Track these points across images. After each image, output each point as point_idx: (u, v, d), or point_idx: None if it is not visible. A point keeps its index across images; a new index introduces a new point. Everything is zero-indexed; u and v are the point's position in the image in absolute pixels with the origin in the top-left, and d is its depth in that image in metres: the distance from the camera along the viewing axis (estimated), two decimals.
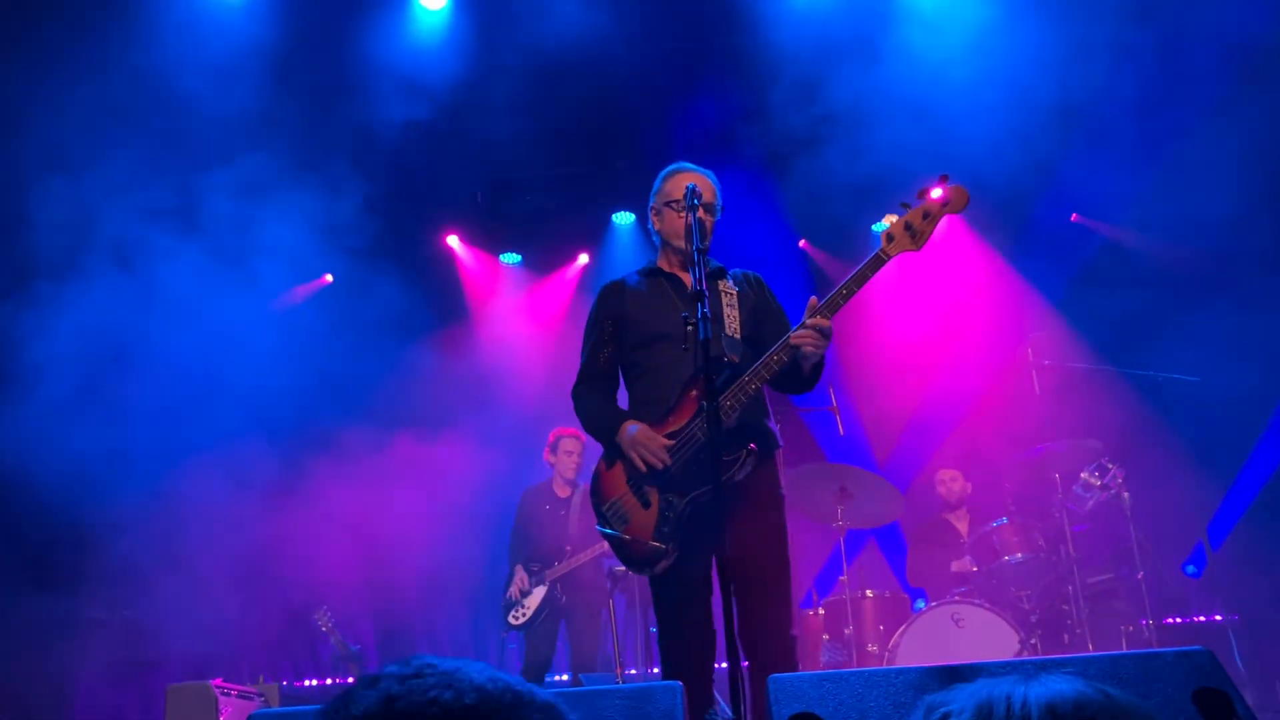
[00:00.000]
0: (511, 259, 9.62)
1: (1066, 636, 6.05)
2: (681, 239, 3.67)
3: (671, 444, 3.50)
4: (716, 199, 3.84)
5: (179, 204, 7.56)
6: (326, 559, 7.73)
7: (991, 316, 8.62)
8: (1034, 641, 5.80)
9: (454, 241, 9.39)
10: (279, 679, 7.35)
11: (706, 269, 3.67)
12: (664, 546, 3.45)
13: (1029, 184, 8.31)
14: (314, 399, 8.12)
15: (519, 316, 9.30)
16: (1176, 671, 2.14)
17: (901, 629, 5.92)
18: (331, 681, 7.95)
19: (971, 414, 8.48)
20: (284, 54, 7.41)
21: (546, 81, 8.11)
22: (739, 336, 3.64)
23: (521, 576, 6.39)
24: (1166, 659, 2.17)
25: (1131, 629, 6.16)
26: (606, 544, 6.22)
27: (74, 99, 6.92)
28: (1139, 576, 6.12)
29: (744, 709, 2.72)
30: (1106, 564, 6.44)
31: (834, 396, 6.49)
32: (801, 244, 9.27)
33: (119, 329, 7.48)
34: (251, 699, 5.85)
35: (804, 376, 3.58)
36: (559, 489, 6.68)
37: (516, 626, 6.36)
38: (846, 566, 6.32)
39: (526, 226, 9.36)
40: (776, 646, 3.37)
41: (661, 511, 3.48)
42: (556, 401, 8.29)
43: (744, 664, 3.47)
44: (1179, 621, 6.98)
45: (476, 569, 8.17)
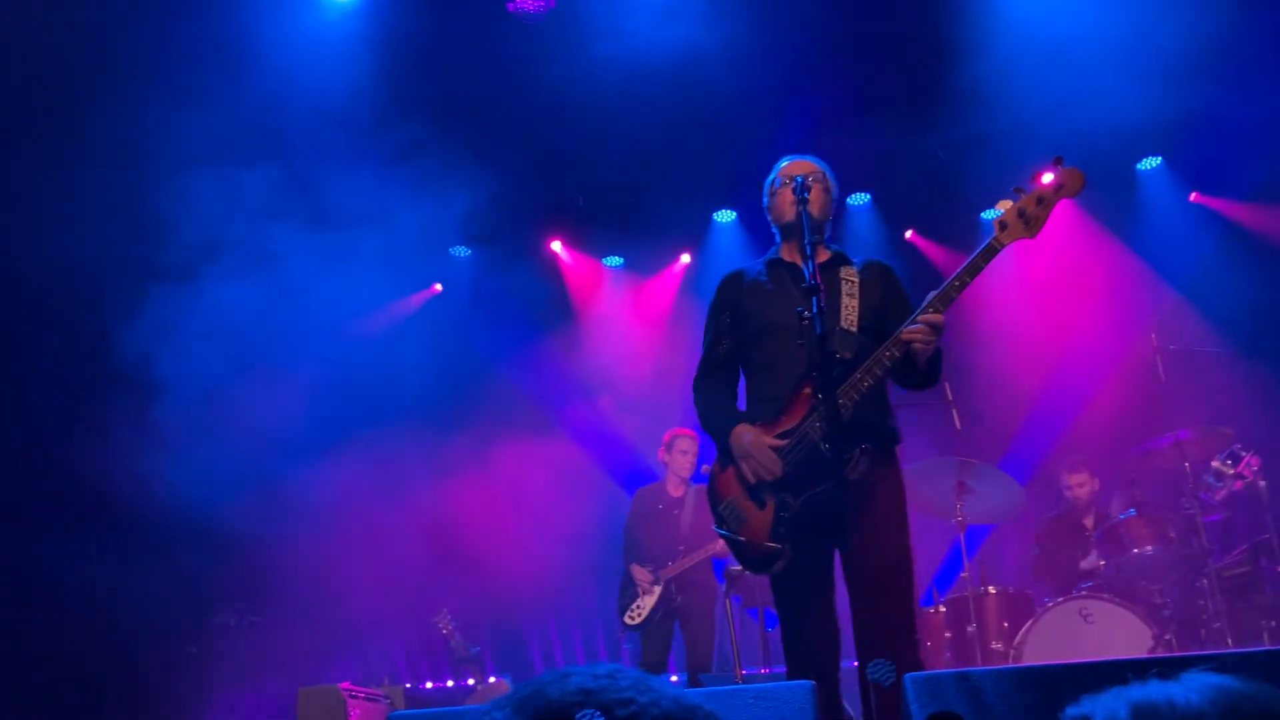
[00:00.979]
0: (614, 262, 9.66)
1: (1203, 632, 5.80)
2: (786, 217, 3.67)
3: (783, 445, 3.44)
4: (828, 182, 3.77)
5: (304, 210, 7.77)
6: (444, 561, 7.86)
7: (1111, 302, 8.35)
8: (1168, 638, 5.57)
9: (557, 247, 9.47)
10: (403, 681, 7.49)
11: (824, 256, 3.64)
12: (779, 547, 3.40)
13: (1148, 165, 8.04)
14: (425, 407, 8.27)
15: (624, 319, 9.33)
16: None
17: (1027, 625, 5.76)
18: (453, 683, 8.06)
19: (1093, 403, 8.22)
20: (389, 65, 7.57)
21: (643, 82, 8.12)
22: (856, 329, 3.54)
23: (643, 575, 6.39)
24: None
25: (1275, 624, 5.88)
26: (720, 543, 6.26)
27: (198, 100, 7.13)
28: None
29: (872, 709, 2.68)
30: (1244, 556, 6.16)
31: (949, 390, 6.36)
32: (908, 235, 9.11)
33: (244, 335, 7.73)
34: (378, 701, 5.98)
35: (920, 371, 3.49)
36: (673, 488, 6.67)
37: (632, 627, 6.37)
38: (967, 562, 6.18)
39: (627, 229, 9.38)
40: (900, 647, 3.29)
41: (777, 512, 3.43)
42: (664, 402, 8.38)
43: (856, 663, 3.41)
44: None
45: (589, 569, 8.22)
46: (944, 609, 6.27)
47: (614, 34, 7.69)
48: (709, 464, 6.51)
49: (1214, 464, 6.09)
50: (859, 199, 8.96)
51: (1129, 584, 5.95)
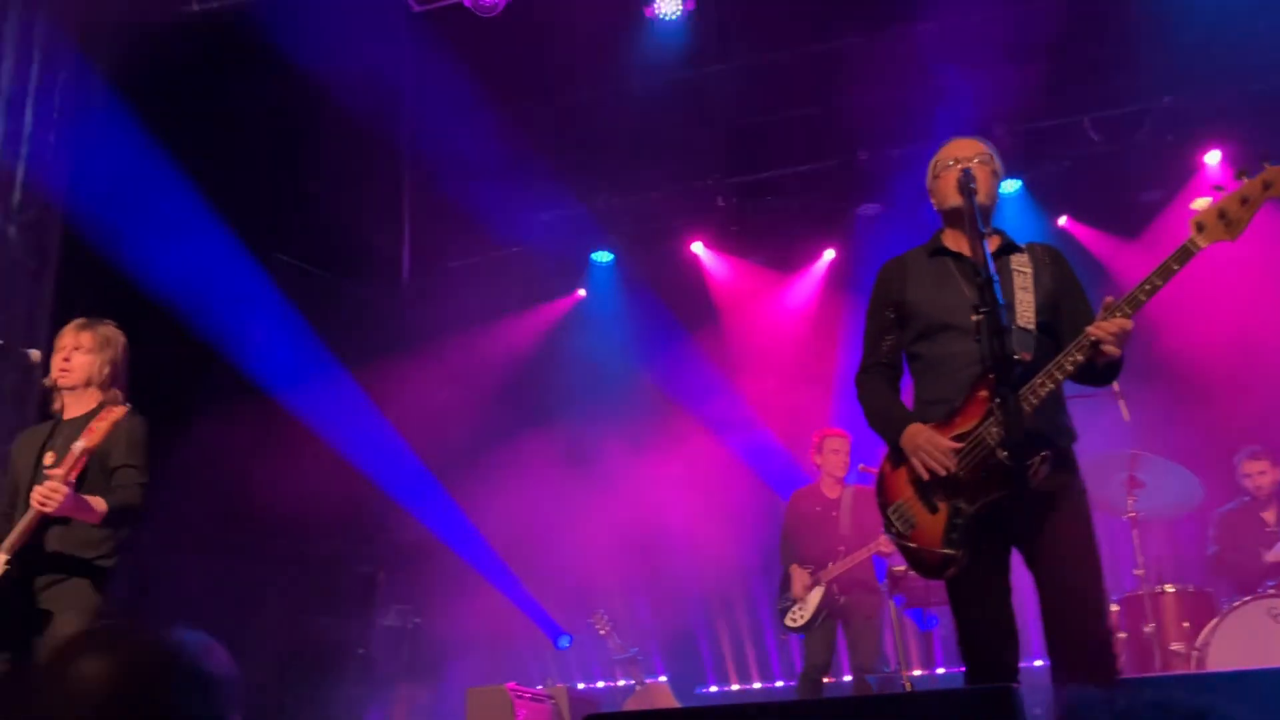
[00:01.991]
0: (754, 260, 9.61)
1: None
2: (951, 202, 3.48)
3: (959, 447, 3.28)
4: (995, 163, 3.59)
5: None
6: (602, 562, 7.95)
7: None
8: None
9: (699, 248, 9.48)
10: (565, 681, 7.60)
11: (993, 245, 3.49)
12: (953, 553, 3.28)
13: None
14: (576, 412, 8.38)
15: (768, 317, 9.27)
16: None
17: (1211, 626, 5.50)
18: (612, 683, 8.16)
19: (1273, 389, 7.78)
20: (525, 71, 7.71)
21: (780, 77, 8.07)
22: (1033, 325, 3.36)
23: (803, 576, 6.34)
24: None
25: None
26: (880, 543, 6.17)
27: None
28: None
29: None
30: None
31: (1117, 380, 6.11)
32: (1063, 221, 8.79)
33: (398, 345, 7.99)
34: (543, 702, 6.08)
35: (1099, 372, 3.33)
36: (828, 489, 6.59)
37: (795, 628, 6.32)
38: (1142, 560, 5.94)
39: (769, 227, 9.33)
40: (1103, 666, 3.14)
41: (950, 518, 3.28)
42: (813, 401, 8.30)
43: (1047, 665, 3.29)
44: None
45: (745, 570, 8.20)
46: (1118, 608, 6.03)
47: (753, 27, 7.67)
48: (864, 463, 6.47)
49: None
50: (1010, 185, 8.70)
51: None
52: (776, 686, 8.49)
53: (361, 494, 8.10)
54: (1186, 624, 5.77)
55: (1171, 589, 5.90)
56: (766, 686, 8.53)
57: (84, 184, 6.75)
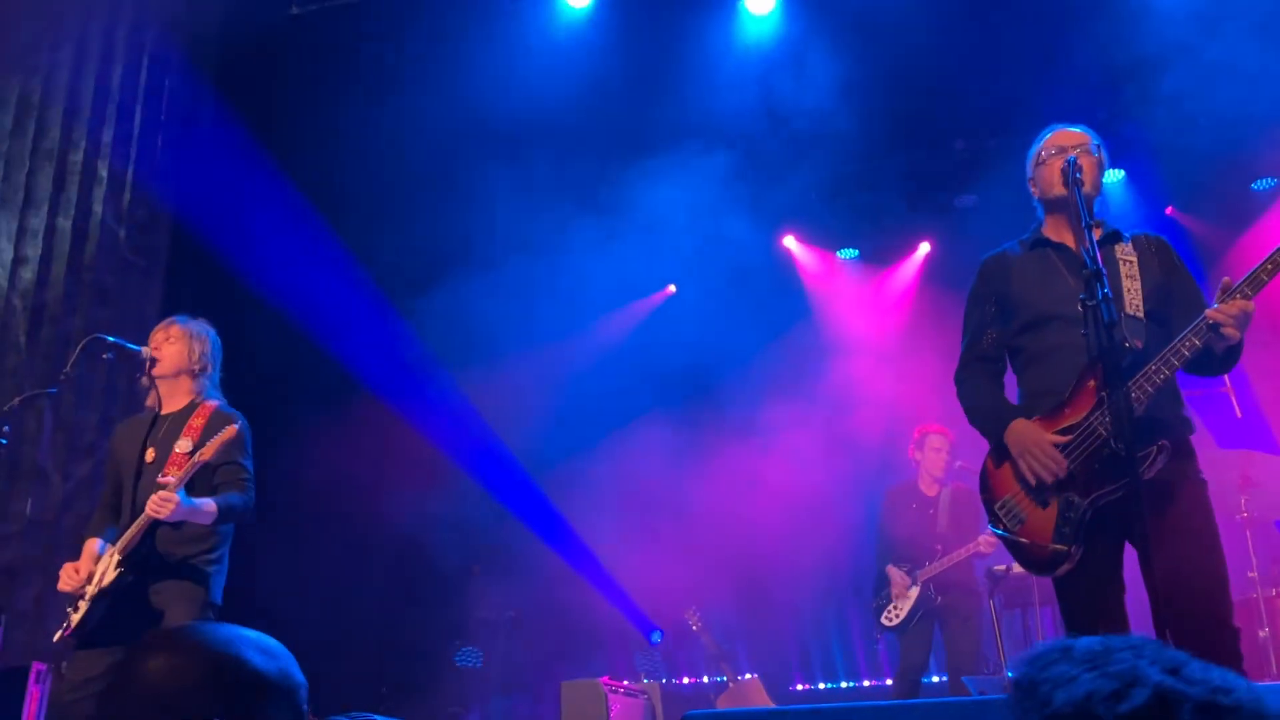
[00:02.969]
0: (849, 254, 9.50)
1: None
2: (1054, 192, 3.40)
3: (1066, 440, 3.19)
4: (1100, 153, 3.48)
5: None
6: (695, 558, 7.94)
7: None
8: None
9: (791, 242, 9.40)
10: (658, 677, 7.62)
11: (1099, 234, 3.40)
12: (1066, 549, 3.18)
13: None
14: (672, 403, 8.38)
15: (862, 312, 9.15)
16: None
17: None
18: (704, 680, 8.15)
19: None
20: (619, 66, 7.72)
21: (873, 66, 7.95)
22: (1141, 314, 3.26)
23: (900, 576, 6.25)
24: None
25: None
26: (979, 544, 6.05)
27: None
28: None
29: None
30: None
31: (1227, 375, 5.91)
32: (1169, 211, 8.52)
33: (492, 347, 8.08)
34: (636, 696, 6.09)
35: (1217, 358, 3.20)
36: (926, 487, 6.47)
37: (890, 628, 6.23)
38: (1255, 562, 5.73)
39: (862, 220, 9.20)
40: (1220, 650, 3.00)
41: (1061, 512, 3.18)
42: (908, 396, 8.16)
43: None
44: None
45: (839, 566, 8.12)
46: None
47: (847, 15, 7.58)
48: (962, 461, 6.35)
49: None
50: (1113, 175, 8.45)
51: None
52: (864, 686, 8.40)
53: (458, 489, 8.23)
54: None
55: None
56: (854, 685, 8.44)
57: (191, 185, 6.96)
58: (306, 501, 7.29)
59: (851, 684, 8.48)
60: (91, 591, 3.80)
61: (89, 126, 6.62)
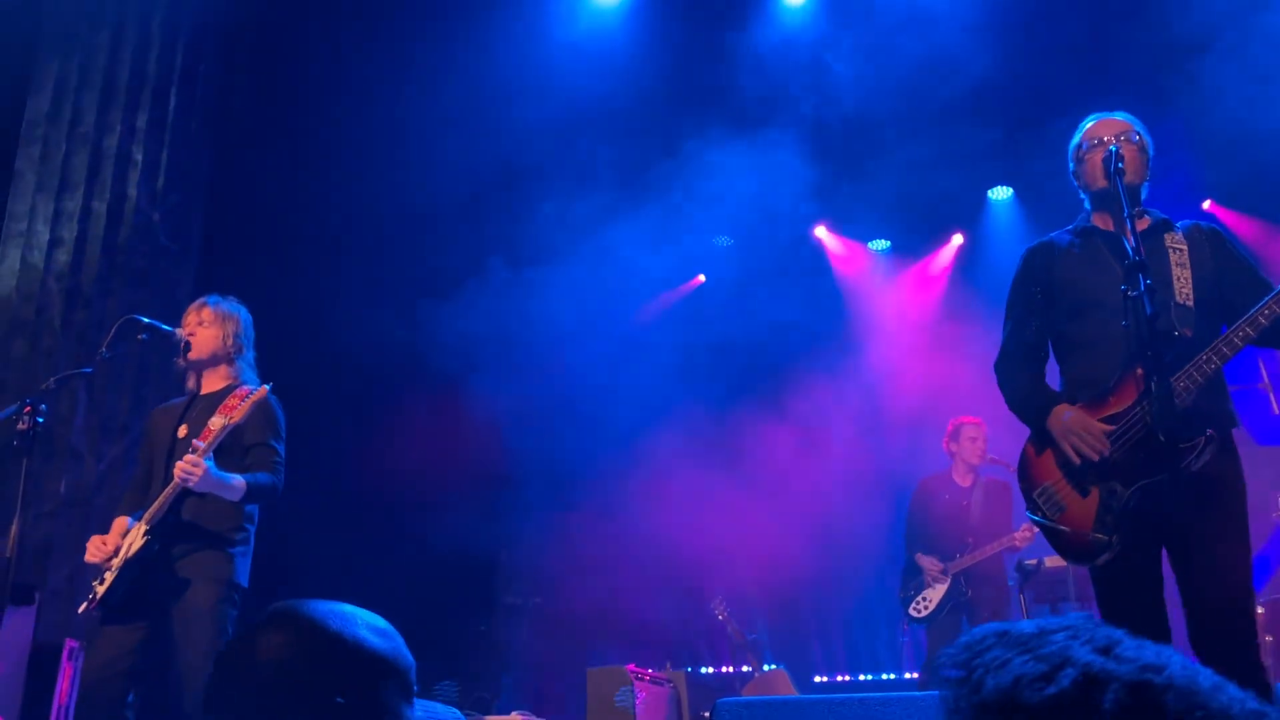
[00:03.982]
0: (880, 245, 9.43)
1: None
2: (1098, 184, 3.36)
3: (1111, 429, 3.15)
4: (1143, 140, 3.42)
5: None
6: (721, 548, 7.92)
7: None
8: None
9: (822, 232, 9.34)
10: (683, 665, 7.60)
11: (1144, 224, 3.36)
12: (1106, 538, 3.14)
13: None
14: (701, 393, 8.36)
15: (894, 303, 9.10)
16: None
17: None
18: (730, 669, 8.13)
19: None
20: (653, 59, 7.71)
21: (909, 56, 7.88)
22: (1191, 302, 3.22)
23: (931, 566, 6.19)
24: None
25: None
26: (1013, 539, 5.99)
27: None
28: None
29: None
30: None
31: (1265, 371, 5.84)
32: (1207, 205, 8.40)
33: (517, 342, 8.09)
34: (662, 684, 6.09)
35: None
36: (959, 477, 6.40)
37: (918, 620, 6.18)
38: None
39: (894, 210, 9.13)
40: (1239, 655, 2.99)
41: (1103, 500, 3.14)
42: (938, 387, 8.10)
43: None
44: None
45: (864, 557, 8.08)
46: (1263, 610, 5.75)
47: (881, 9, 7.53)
48: (994, 454, 6.29)
49: None
50: None
51: None
52: (885, 679, 8.36)
53: (485, 473, 8.24)
54: None
55: None
56: (875, 678, 8.40)
57: (224, 169, 6.99)
58: (332, 482, 7.32)
59: (871, 677, 8.44)
60: (118, 563, 3.81)
61: (124, 111, 6.66)
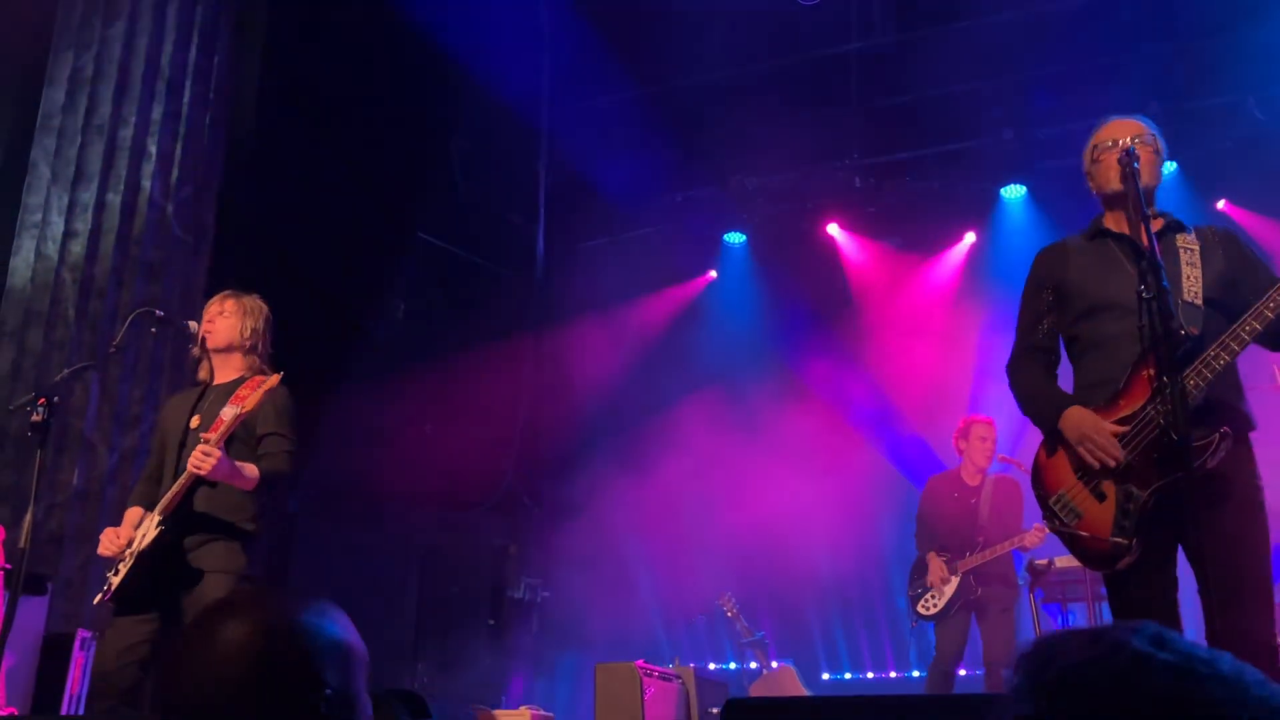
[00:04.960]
0: (893, 243, 9.40)
1: None
2: (1111, 186, 3.35)
3: (1124, 430, 3.14)
4: (1157, 143, 3.41)
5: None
6: (730, 545, 7.93)
7: None
8: None
9: (834, 230, 9.32)
10: (692, 662, 7.61)
11: (1156, 225, 3.35)
12: (1126, 542, 3.12)
13: None
14: (710, 390, 8.36)
15: (904, 301, 9.07)
16: None
17: None
18: (737, 666, 8.14)
19: None
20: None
21: (922, 54, 7.87)
22: (1199, 301, 3.21)
23: (940, 565, 6.19)
24: None
25: None
26: (1023, 538, 5.98)
27: None
28: None
29: None
30: None
31: (1279, 372, 5.80)
32: (1221, 205, 8.35)
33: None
34: (671, 681, 6.09)
35: None
36: (968, 477, 6.39)
37: (927, 617, 6.18)
38: None
39: (908, 208, 9.11)
40: (1261, 648, 2.97)
41: (1120, 504, 3.13)
42: (950, 387, 8.09)
43: None
44: None
45: (872, 555, 8.07)
46: None
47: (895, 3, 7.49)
48: (1004, 454, 6.28)
49: None
50: (1165, 168, 8.28)
51: None
52: (890, 677, 8.35)
53: (495, 468, 8.26)
54: None
55: None
56: (879, 677, 8.39)
57: (238, 162, 7.00)
58: (343, 474, 7.34)
59: (876, 675, 8.44)
60: (132, 553, 3.82)
61: (139, 103, 6.68)
